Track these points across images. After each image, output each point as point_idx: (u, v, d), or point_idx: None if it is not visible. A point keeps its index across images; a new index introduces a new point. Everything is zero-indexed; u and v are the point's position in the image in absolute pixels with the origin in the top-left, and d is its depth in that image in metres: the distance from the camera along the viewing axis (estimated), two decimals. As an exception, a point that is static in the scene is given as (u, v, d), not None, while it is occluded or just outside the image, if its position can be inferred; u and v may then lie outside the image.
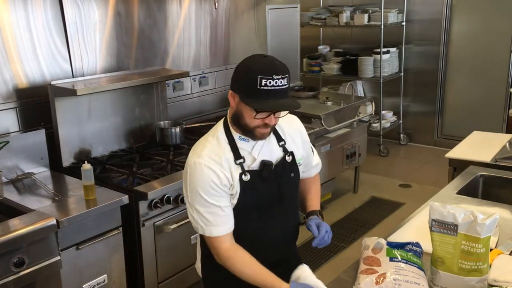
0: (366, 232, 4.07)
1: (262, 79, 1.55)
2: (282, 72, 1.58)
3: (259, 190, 1.73)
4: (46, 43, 2.92)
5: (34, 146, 2.80)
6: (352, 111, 4.44)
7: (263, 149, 1.74)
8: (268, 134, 1.70)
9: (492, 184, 2.56)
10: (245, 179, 1.69)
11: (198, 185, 1.66)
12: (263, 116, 1.62)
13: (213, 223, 1.68)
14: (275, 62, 1.62)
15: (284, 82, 1.58)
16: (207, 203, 1.67)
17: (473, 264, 1.47)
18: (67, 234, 2.30)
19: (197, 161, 1.66)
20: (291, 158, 1.79)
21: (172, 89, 3.70)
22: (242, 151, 1.71)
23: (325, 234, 1.77)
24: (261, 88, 1.56)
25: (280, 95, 1.58)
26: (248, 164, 1.72)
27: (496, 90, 5.66)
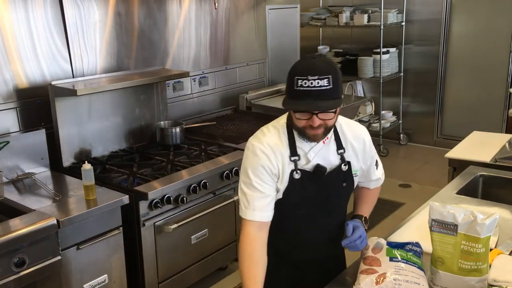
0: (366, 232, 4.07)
1: (298, 80, 1.56)
2: (320, 73, 1.55)
3: (306, 191, 1.74)
4: (46, 43, 2.92)
5: (34, 146, 2.80)
6: (352, 111, 4.45)
7: (320, 153, 1.74)
8: (321, 136, 1.67)
9: (492, 184, 2.56)
10: (296, 176, 1.71)
11: (249, 165, 1.71)
12: (304, 117, 1.61)
13: (250, 206, 1.70)
14: (316, 63, 1.59)
15: (322, 83, 1.55)
16: (251, 186, 1.70)
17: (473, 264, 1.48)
18: (68, 234, 2.30)
19: (256, 145, 1.71)
20: (347, 168, 1.77)
21: (172, 89, 3.70)
22: (299, 149, 1.72)
23: (358, 239, 1.75)
24: (297, 89, 1.56)
25: (318, 96, 1.55)
26: (302, 164, 1.73)
27: (496, 90, 5.66)
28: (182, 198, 2.77)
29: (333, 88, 1.57)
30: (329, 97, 1.57)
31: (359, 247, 1.76)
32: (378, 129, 5.86)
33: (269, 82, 4.73)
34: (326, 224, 1.83)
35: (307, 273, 1.89)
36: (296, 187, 1.72)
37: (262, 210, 1.71)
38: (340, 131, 1.79)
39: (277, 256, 1.83)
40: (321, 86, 1.55)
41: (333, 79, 1.57)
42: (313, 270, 1.89)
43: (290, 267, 1.88)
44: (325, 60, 1.66)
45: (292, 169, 1.71)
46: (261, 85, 4.60)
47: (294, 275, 1.89)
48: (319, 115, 1.60)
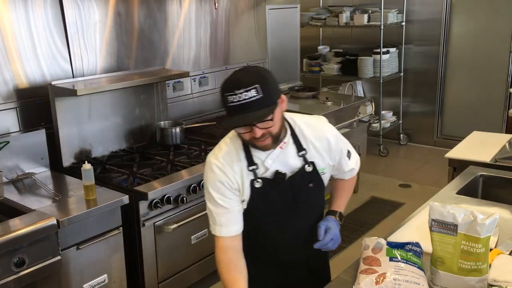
0: (366, 232, 4.07)
1: (228, 96, 1.54)
2: (246, 84, 1.53)
3: (271, 198, 1.73)
4: (46, 43, 2.92)
5: (34, 146, 2.80)
6: (352, 111, 4.45)
7: (278, 159, 1.71)
8: (271, 145, 1.65)
9: (492, 184, 2.56)
10: (256, 185, 1.70)
11: (208, 182, 1.72)
12: (245, 131, 1.60)
13: (217, 223, 1.72)
14: (240, 75, 1.58)
15: (251, 94, 1.52)
16: (215, 202, 1.71)
17: (473, 264, 1.48)
18: (68, 234, 2.30)
19: (212, 161, 1.71)
20: (311, 168, 1.75)
21: (172, 89, 3.70)
22: (256, 158, 1.71)
23: (329, 242, 1.76)
24: (230, 105, 1.55)
25: (250, 107, 1.53)
26: (261, 172, 1.71)
27: (496, 90, 5.66)
28: (182, 198, 2.77)
29: (264, 96, 1.54)
30: (262, 105, 1.54)
31: (332, 247, 1.78)
32: (378, 129, 5.86)
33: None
34: (300, 225, 1.81)
35: (292, 273, 1.89)
36: (259, 196, 1.71)
37: (228, 225, 1.72)
38: (299, 132, 1.75)
39: (259, 261, 1.83)
40: (251, 98, 1.52)
41: (261, 88, 1.54)
42: (298, 270, 1.90)
43: (275, 269, 1.88)
44: (251, 70, 1.62)
45: (252, 179, 1.70)
46: (261, 85, 4.59)
47: (279, 277, 1.89)
48: (259, 125, 1.57)
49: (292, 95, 4.58)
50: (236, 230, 1.73)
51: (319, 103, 4.34)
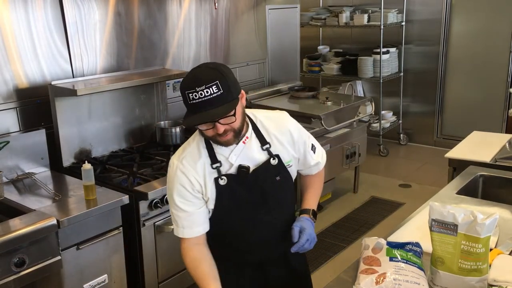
0: (366, 232, 4.07)
1: (189, 94, 1.57)
2: (206, 81, 1.54)
3: (238, 194, 1.71)
4: (46, 43, 2.92)
5: (34, 146, 2.80)
6: (352, 111, 4.45)
7: (242, 154, 1.71)
8: (234, 139, 1.66)
9: (492, 184, 2.56)
10: (221, 183, 1.69)
11: (171, 185, 1.73)
12: (207, 127, 1.61)
13: (179, 225, 1.73)
14: (199, 73, 1.60)
15: (211, 90, 1.53)
16: (175, 205, 1.72)
17: (473, 264, 1.48)
18: (68, 234, 2.30)
19: (175, 163, 1.73)
20: (276, 161, 1.75)
21: (172, 89, 3.70)
22: (219, 155, 1.70)
23: (306, 242, 1.72)
24: (191, 103, 1.57)
25: (211, 104, 1.54)
26: (225, 169, 1.71)
27: (496, 90, 5.66)
28: (182, 198, 2.77)
29: (224, 92, 1.55)
30: (223, 102, 1.55)
31: (308, 248, 1.74)
32: (378, 129, 5.86)
33: (269, 82, 4.73)
34: (272, 221, 1.78)
35: (271, 272, 1.87)
36: (225, 193, 1.70)
37: (191, 227, 1.73)
38: (261, 126, 1.76)
39: (233, 263, 1.82)
40: (211, 94, 1.54)
41: (221, 84, 1.55)
42: (276, 269, 1.87)
43: (251, 270, 1.86)
44: (209, 67, 1.62)
45: (216, 177, 1.69)
46: (261, 85, 4.60)
47: (257, 277, 1.86)
48: (221, 121, 1.58)
49: (292, 95, 4.58)
50: (200, 230, 1.74)
51: (319, 103, 4.34)
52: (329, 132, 4.10)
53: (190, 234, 1.73)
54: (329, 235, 4.03)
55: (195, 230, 1.73)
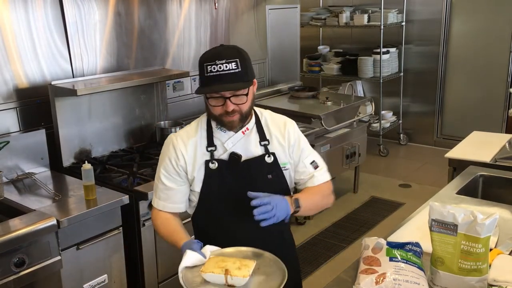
0: (366, 232, 4.07)
1: (207, 66, 1.61)
2: (227, 57, 1.61)
3: (226, 182, 1.73)
4: (46, 43, 2.92)
5: (34, 146, 2.80)
6: (352, 111, 4.45)
7: (238, 144, 1.75)
8: (238, 123, 1.70)
9: (492, 184, 2.56)
10: (212, 166, 1.72)
11: (161, 157, 1.81)
12: (217, 103, 1.65)
13: (156, 195, 1.81)
14: (221, 49, 1.66)
15: (231, 66, 1.60)
16: (160, 177, 1.79)
17: (473, 264, 1.48)
18: (68, 234, 2.30)
19: (171, 137, 1.80)
20: (272, 159, 1.76)
21: (172, 89, 3.70)
22: (217, 140, 1.75)
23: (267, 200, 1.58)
24: (208, 75, 1.61)
25: (228, 79, 1.60)
26: (219, 153, 1.74)
27: (496, 90, 5.66)
28: (182, 198, 2.77)
29: (242, 71, 1.62)
30: (239, 79, 1.62)
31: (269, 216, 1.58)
32: (378, 129, 5.86)
33: (269, 82, 4.73)
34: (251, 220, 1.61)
35: None
36: (214, 178, 1.73)
37: (165, 200, 1.79)
38: (264, 123, 1.81)
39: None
40: (230, 70, 1.60)
41: (240, 63, 1.62)
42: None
43: None
44: (233, 47, 1.69)
45: (207, 160, 1.73)
46: (261, 85, 4.60)
47: None
48: (232, 99, 1.64)
49: (292, 95, 4.58)
50: (172, 207, 1.79)
51: (319, 103, 4.34)
52: (329, 132, 4.10)
53: (162, 207, 1.80)
54: (329, 235, 4.03)
55: (168, 206, 1.79)
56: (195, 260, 1.59)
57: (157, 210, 1.82)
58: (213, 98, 1.67)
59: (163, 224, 1.79)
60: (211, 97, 1.67)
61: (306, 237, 3.97)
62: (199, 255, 1.59)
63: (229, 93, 1.64)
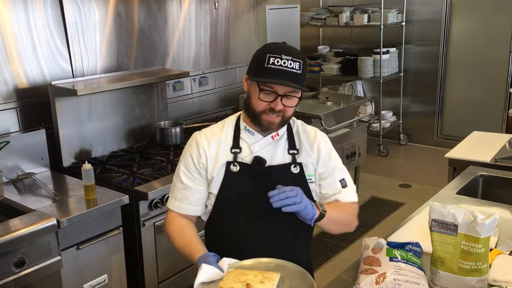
0: (366, 232, 4.07)
1: (271, 57, 1.54)
2: (294, 55, 1.55)
3: (246, 187, 1.64)
4: (46, 43, 2.92)
5: (34, 146, 2.80)
6: (352, 111, 4.45)
7: (266, 148, 1.67)
8: (277, 126, 1.63)
9: (492, 184, 2.56)
10: (233, 169, 1.64)
11: (183, 155, 1.73)
12: (267, 99, 1.57)
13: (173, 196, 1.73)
14: (287, 46, 1.60)
15: (295, 65, 1.54)
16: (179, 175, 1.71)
17: (473, 264, 1.48)
18: (68, 234, 2.30)
19: (195, 134, 1.74)
20: (298, 170, 1.67)
21: (172, 89, 3.70)
22: (243, 142, 1.67)
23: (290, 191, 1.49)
24: (269, 66, 1.53)
25: (288, 76, 1.53)
26: (243, 156, 1.66)
27: (496, 90, 5.66)
28: (182, 198, 2.77)
29: (302, 74, 1.56)
30: (298, 81, 1.56)
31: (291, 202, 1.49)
32: (378, 129, 5.86)
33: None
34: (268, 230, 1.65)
35: None
36: (233, 181, 1.65)
37: (182, 201, 1.70)
38: (296, 132, 1.74)
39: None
40: (293, 69, 1.54)
41: (303, 66, 1.56)
42: None
43: None
44: (296, 49, 1.63)
45: (229, 161, 1.65)
46: (261, 85, 4.59)
47: None
48: (284, 99, 1.57)
49: (292, 95, 4.57)
50: (189, 209, 1.70)
51: (319, 103, 4.34)
52: (329, 132, 4.10)
53: (177, 208, 1.71)
54: (329, 235, 4.01)
55: (183, 207, 1.71)
56: (211, 275, 1.48)
57: (172, 215, 1.73)
58: (265, 92, 1.57)
59: (178, 233, 1.69)
60: (264, 90, 1.57)
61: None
62: (216, 269, 1.48)
63: (283, 91, 1.56)
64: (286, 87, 1.56)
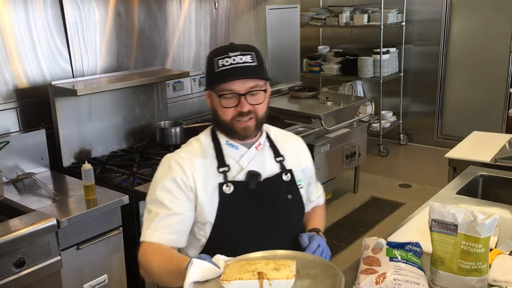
0: (366, 232, 4.07)
1: (218, 60, 1.44)
2: (241, 49, 1.44)
3: (245, 207, 1.49)
4: (47, 43, 2.92)
5: (34, 146, 2.80)
6: (352, 111, 4.45)
7: (254, 161, 1.54)
8: (253, 129, 1.49)
9: (492, 184, 2.56)
10: (227, 190, 1.47)
11: (158, 181, 1.50)
12: (231, 104, 1.45)
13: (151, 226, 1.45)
14: (235, 44, 1.50)
15: (246, 58, 1.43)
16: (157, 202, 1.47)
17: (473, 264, 1.47)
18: (68, 234, 2.30)
19: (170, 156, 1.54)
20: (289, 177, 1.57)
21: (172, 89, 3.70)
22: (228, 158, 1.52)
23: (317, 248, 1.47)
24: (220, 70, 1.43)
25: (242, 71, 1.42)
26: (233, 174, 1.50)
27: (496, 90, 5.66)
28: (182, 198, 2.77)
29: (258, 65, 1.44)
30: (256, 75, 1.45)
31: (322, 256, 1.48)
32: (378, 129, 5.86)
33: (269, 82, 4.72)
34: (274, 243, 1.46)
35: None
36: (230, 205, 1.47)
37: (165, 229, 1.43)
38: (275, 138, 1.64)
39: None
40: (245, 62, 1.42)
41: (256, 57, 1.45)
42: None
43: None
44: (246, 44, 1.54)
45: (221, 182, 1.47)
46: (261, 85, 4.59)
47: None
48: (248, 98, 1.44)
49: (292, 95, 4.58)
50: (171, 239, 1.43)
51: (319, 103, 4.34)
52: (329, 132, 4.10)
53: (159, 238, 1.42)
54: (329, 235, 4.02)
55: (166, 236, 1.42)
56: (205, 272, 1.19)
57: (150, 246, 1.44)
58: (225, 97, 1.45)
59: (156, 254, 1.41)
60: (223, 96, 1.44)
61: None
62: (211, 264, 1.21)
63: (243, 89, 1.44)
64: (245, 84, 1.44)
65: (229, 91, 1.44)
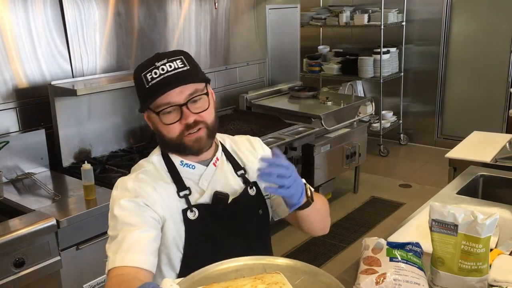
0: (366, 232, 4.07)
1: (146, 75, 1.30)
2: (168, 56, 1.30)
3: (213, 231, 1.35)
4: (46, 43, 2.92)
5: (34, 146, 2.80)
6: (352, 111, 4.44)
7: (215, 178, 1.39)
8: (206, 140, 1.34)
9: (492, 184, 2.56)
10: (191, 216, 1.32)
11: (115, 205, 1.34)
12: (172, 119, 1.30)
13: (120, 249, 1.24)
14: (160, 53, 1.35)
15: (175, 65, 1.29)
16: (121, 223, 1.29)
17: (473, 264, 1.47)
18: (67, 234, 2.30)
19: (124, 179, 1.39)
20: (255, 191, 1.43)
21: (172, 89, 3.70)
22: (187, 180, 1.37)
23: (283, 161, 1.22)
24: (151, 84, 1.29)
25: (174, 79, 1.27)
26: (195, 198, 1.36)
27: (496, 90, 5.66)
28: (182, 198, 2.77)
29: (191, 68, 1.30)
30: (191, 79, 1.30)
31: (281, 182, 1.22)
32: (378, 129, 5.86)
33: (269, 82, 4.73)
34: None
35: None
36: (197, 231, 1.32)
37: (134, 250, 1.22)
38: (231, 149, 1.49)
39: None
40: (176, 69, 1.28)
41: (186, 59, 1.31)
42: None
43: None
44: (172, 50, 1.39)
45: (184, 208, 1.32)
46: (261, 85, 4.60)
47: None
48: (190, 106, 1.29)
49: (292, 95, 4.58)
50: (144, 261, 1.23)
51: (319, 103, 4.34)
52: (329, 132, 4.10)
53: (131, 261, 1.21)
54: (329, 235, 4.00)
55: (137, 257, 1.22)
56: None
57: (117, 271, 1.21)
58: (165, 113, 1.29)
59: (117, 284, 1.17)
60: (162, 112, 1.29)
61: (306, 238, 3.96)
62: None
63: (183, 98, 1.28)
64: (182, 92, 1.28)
65: (167, 105, 1.29)
